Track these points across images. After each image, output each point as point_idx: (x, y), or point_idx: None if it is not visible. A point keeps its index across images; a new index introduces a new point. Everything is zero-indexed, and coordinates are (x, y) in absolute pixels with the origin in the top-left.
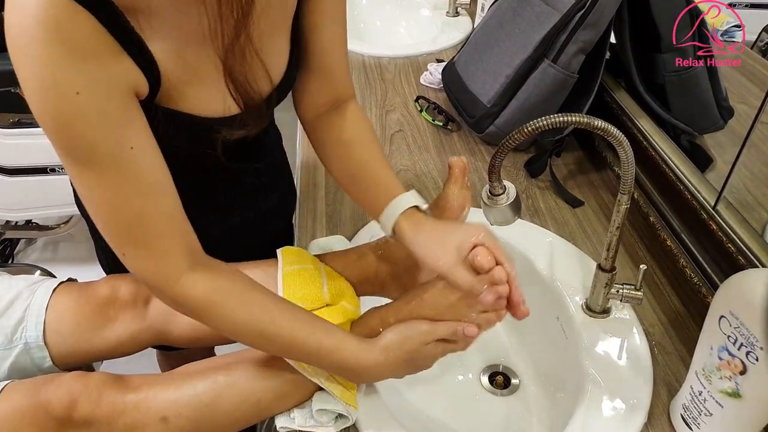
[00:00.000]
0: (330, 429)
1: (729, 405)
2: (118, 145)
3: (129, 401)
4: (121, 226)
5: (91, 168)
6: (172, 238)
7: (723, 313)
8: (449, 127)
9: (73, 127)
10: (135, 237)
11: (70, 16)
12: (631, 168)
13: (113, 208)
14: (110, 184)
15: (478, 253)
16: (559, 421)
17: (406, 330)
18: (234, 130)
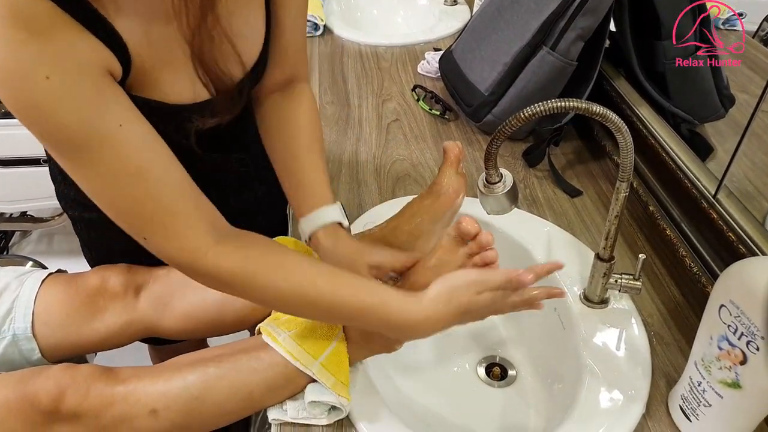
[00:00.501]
0: (323, 421)
1: (728, 396)
2: (104, 126)
3: (117, 394)
4: (132, 211)
5: (82, 156)
6: (189, 213)
7: (723, 303)
8: (446, 117)
9: (50, 115)
10: (149, 219)
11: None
12: (631, 155)
13: (118, 193)
14: (107, 168)
15: (462, 221)
16: (557, 412)
17: (455, 280)
18: (206, 118)
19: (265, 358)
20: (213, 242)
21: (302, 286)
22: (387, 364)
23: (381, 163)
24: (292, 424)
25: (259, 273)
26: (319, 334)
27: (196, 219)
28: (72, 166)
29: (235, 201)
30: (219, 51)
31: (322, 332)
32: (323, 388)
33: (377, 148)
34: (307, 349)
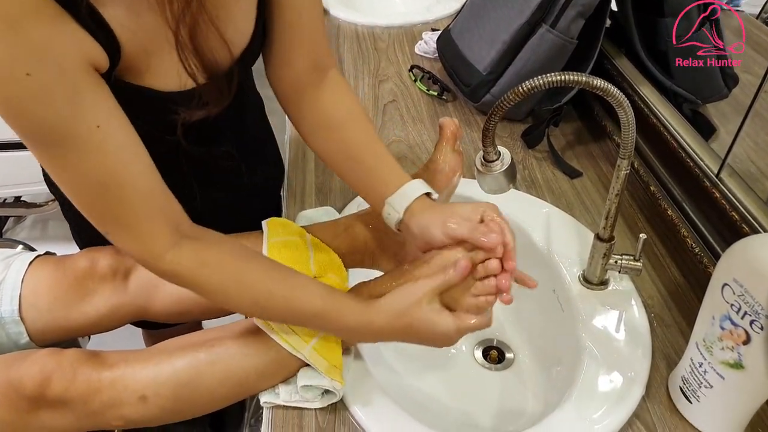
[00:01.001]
0: (316, 404)
1: (730, 376)
2: (82, 126)
3: (105, 379)
4: (97, 207)
5: (56, 150)
6: (153, 217)
7: (726, 281)
8: (444, 97)
9: (30, 111)
10: (114, 217)
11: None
12: (632, 131)
13: (86, 189)
14: (79, 165)
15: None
16: (555, 395)
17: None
18: (193, 111)
19: (256, 343)
20: (171, 245)
21: (254, 290)
22: (382, 347)
23: None
24: (284, 407)
25: (211, 277)
26: None
27: (160, 223)
28: (43, 156)
29: (223, 193)
30: (205, 39)
31: None
32: (316, 372)
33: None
34: (299, 332)
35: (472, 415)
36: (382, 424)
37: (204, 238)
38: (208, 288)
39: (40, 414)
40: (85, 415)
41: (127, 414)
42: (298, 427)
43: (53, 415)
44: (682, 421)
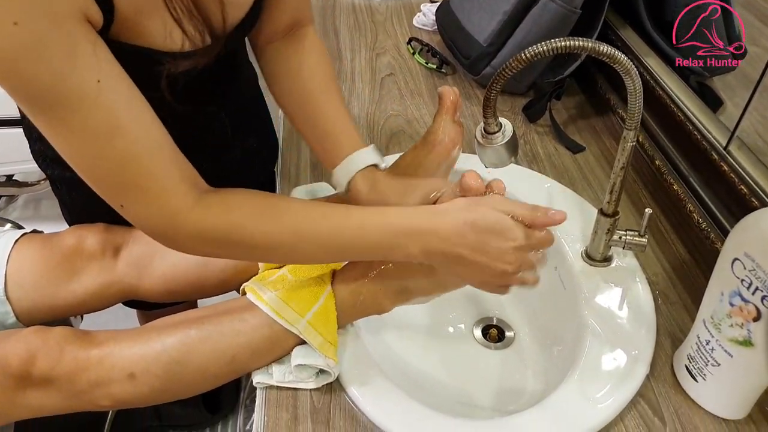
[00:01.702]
0: (310, 384)
1: (739, 354)
2: (80, 82)
3: (93, 357)
4: (109, 173)
5: (56, 113)
6: (169, 173)
7: (737, 256)
8: (443, 71)
9: (20, 66)
10: (128, 181)
11: None
12: (639, 100)
13: (95, 154)
14: (84, 127)
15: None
16: (556, 374)
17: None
18: (178, 61)
19: (249, 320)
20: (193, 202)
21: (295, 224)
22: (379, 325)
23: (374, 119)
24: (278, 388)
25: (246, 222)
26: (306, 293)
27: (177, 179)
28: (46, 125)
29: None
30: (204, 1)
31: (310, 290)
32: (310, 350)
33: (370, 103)
34: (293, 307)
35: (471, 395)
36: (379, 404)
37: (224, 191)
38: (244, 237)
39: (26, 393)
40: (72, 394)
41: (116, 393)
42: (292, 408)
43: (40, 394)
44: (687, 400)
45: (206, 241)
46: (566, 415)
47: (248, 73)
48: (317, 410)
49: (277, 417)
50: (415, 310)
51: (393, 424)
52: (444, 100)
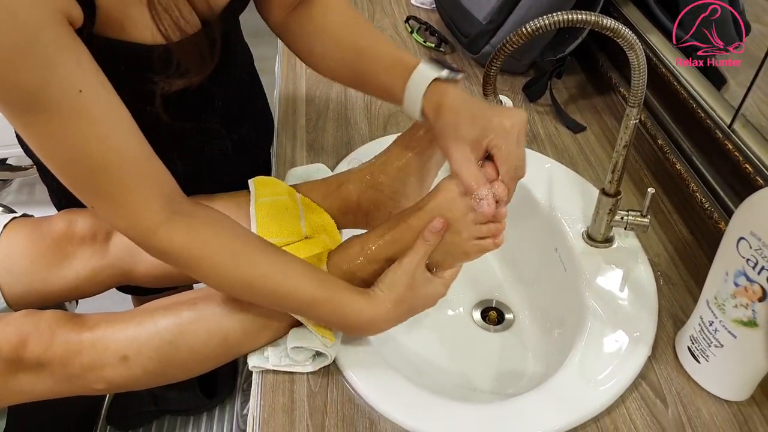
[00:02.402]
0: (307, 368)
1: (743, 335)
2: (62, 88)
3: (85, 340)
4: (82, 180)
5: (35, 118)
6: (142, 188)
7: (742, 235)
8: (442, 49)
9: (3, 73)
10: (101, 190)
11: None
12: (643, 76)
13: (70, 160)
14: (61, 133)
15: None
16: (557, 356)
17: (392, 272)
18: (171, 80)
19: (241, 301)
20: (164, 219)
21: (248, 274)
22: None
23: (371, 99)
24: (274, 372)
25: (204, 257)
26: None
27: (150, 195)
28: (22, 127)
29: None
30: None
31: None
32: (306, 332)
33: None
34: None
35: (470, 378)
36: (377, 387)
37: (198, 215)
38: (200, 267)
39: (18, 377)
40: (65, 377)
41: (109, 376)
42: (289, 392)
43: (32, 378)
44: (689, 382)
45: (169, 259)
46: (567, 397)
47: (243, 57)
48: (314, 394)
49: (273, 402)
50: None
51: (391, 408)
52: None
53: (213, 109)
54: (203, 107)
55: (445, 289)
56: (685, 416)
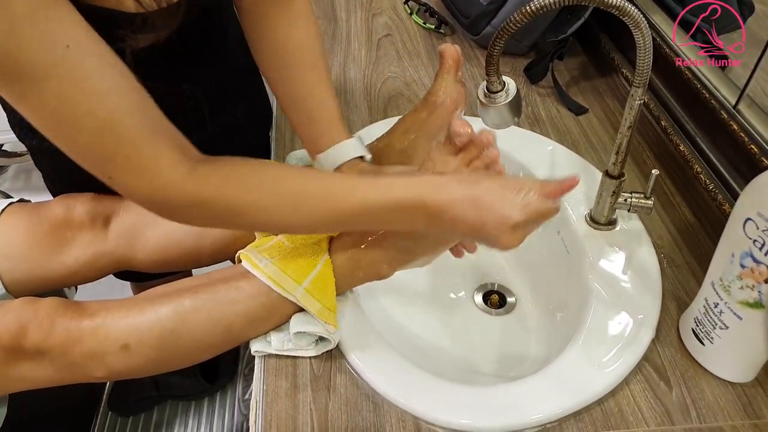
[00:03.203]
0: (310, 352)
1: (749, 317)
2: (47, 50)
3: (85, 328)
4: (92, 147)
5: (27, 87)
6: (156, 142)
7: (749, 216)
8: (441, 31)
9: None
10: (112, 152)
11: None
12: (649, 56)
13: (72, 125)
14: (58, 99)
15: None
16: (560, 339)
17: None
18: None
19: (245, 288)
20: (186, 171)
21: (292, 197)
22: (379, 292)
23: (371, 81)
24: (276, 356)
25: (241, 192)
26: (303, 260)
27: (165, 148)
28: (17, 100)
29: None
30: None
31: (306, 257)
32: (309, 317)
33: (367, 65)
34: (290, 274)
35: (473, 361)
36: (380, 370)
37: (216, 160)
38: (239, 208)
39: (19, 365)
40: (65, 365)
41: (110, 364)
42: (291, 376)
43: (32, 366)
44: (693, 364)
45: (203, 213)
46: (571, 380)
47: (236, 36)
48: (317, 378)
49: (276, 386)
50: (415, 277)
51: (395, 391)
52: (445, 58)
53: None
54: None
55: (522, 202)
56: (689, 398)
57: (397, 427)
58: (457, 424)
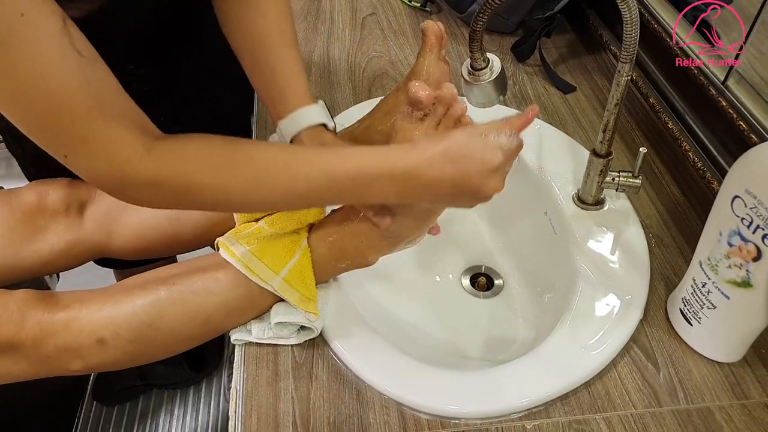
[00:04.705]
0: (292, 340)
1: (737, 296)
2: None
3: (59, 321)
4: (45, 121)
5: None
6: (112, 118)
7: (737, 193)
8: (427, 9)
9: None
10: (67, 130)
11: None
12: (635, 30)
13: (26, 101)
14: (10, 70)
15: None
16: (548, 321)
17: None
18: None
19: (223, 279)
20: (144, 150)
21: (254, 174)
22: (364, 277)
23: (355, 61)
24: (257, 344)
25: (204, 173)
26: (281, 248)
27: (122, 126)
28: None
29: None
30: None
31: (284, 245)
32: (290, 307)
33: (351, 44)
34: (267, 263)
35: (460, 345)
36: (364, 357)
37: (178, 137)
38: (200, 188)
39: None
40: (39, 360)
41: (86, 357)
42: (273, 364)
43: (5, 361)
44: (681, 345)
45: (161, 193)
46: (558, 362)
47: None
48: (299, 365)
49: (257, 374)
50: (400, 260)
51: (378, 378)
52: (428, 35)
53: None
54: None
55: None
56: (676, 378)
57: (381, 414)
58: (441, 410)
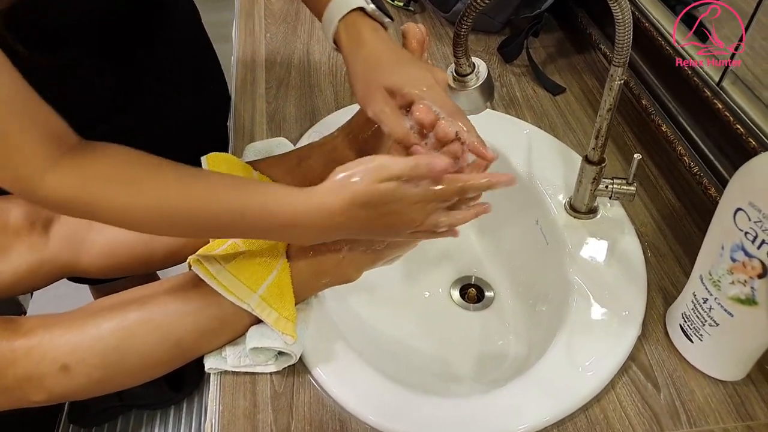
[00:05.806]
0: (270, 368)
1: (741, 313)
2: None
3: (19, 349)
4: None
5: None
6: (21, 132)
7: (740, 206)
8: (411, 8)
9: None
10: None
11: None
12: (628, 31)
13: None
14: None
15: (416, 109)
16: (540, 335)
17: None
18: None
19: (194, 298)
20: (51, 164)
21: (157, 200)
22: (347, 293)
23: (337, 63)
24: (233, 372)
25: (102, 194)
26: (258, 265)
27: (31, 137)
28: None
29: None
30: None
31: (263, 262)
32: (267, 330)
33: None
34: (244, 281)
35: (450, 363)
36: (348, 384)
37: (94, 150)
38: (100, 207)
39: None
40: None
41: (49, 387)
42: (250, 394)
43: None
44: (682, 362)
45: (66, 210)
46: (553, 385)
47: (180, 17)
48: (278, 395)
49: (233, 405)
50: (386, 274)
51: (363, 408)
52: (409, 38)
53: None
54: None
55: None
56: (678, 400)
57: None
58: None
